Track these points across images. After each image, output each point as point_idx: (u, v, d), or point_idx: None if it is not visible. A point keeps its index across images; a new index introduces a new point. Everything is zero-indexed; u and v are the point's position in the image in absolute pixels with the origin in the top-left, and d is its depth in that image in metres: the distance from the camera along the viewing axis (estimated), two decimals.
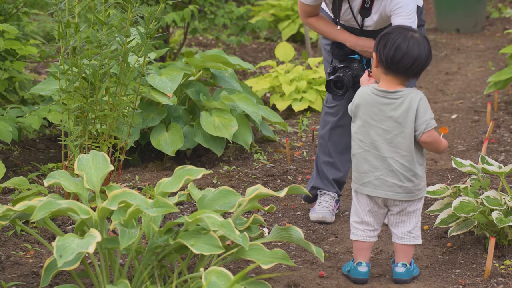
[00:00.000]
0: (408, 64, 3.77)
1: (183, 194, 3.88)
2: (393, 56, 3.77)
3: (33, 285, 3.80)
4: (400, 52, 3.76)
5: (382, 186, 3.85)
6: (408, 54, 3.76)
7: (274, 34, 9.87)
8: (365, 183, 3.88)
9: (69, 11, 4.45)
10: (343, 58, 4.53)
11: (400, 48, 3.76)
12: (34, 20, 8.87)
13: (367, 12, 4.41)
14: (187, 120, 5.77)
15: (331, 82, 4.48)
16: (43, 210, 3.31)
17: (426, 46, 3.81)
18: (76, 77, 4.48)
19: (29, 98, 6.04)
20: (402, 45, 3.76)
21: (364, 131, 3.85)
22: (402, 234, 3.93)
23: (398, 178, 3.84)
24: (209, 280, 3.16)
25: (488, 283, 3.86)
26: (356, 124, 3.89)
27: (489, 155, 5.65)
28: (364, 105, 3.84)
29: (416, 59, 3.77)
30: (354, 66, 4.49)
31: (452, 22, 10.68)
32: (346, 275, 4.01)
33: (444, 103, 7.31)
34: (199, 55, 5.95)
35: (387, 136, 3.82)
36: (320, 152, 4.83)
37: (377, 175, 3.85)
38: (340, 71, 4.48)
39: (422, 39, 3.81)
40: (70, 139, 4.46)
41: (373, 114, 3.83)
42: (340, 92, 4.49)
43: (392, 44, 3.77)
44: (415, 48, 3.76)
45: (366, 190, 3.88)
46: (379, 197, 3.87)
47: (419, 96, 3.83)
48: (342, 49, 4.53)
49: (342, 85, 4.47)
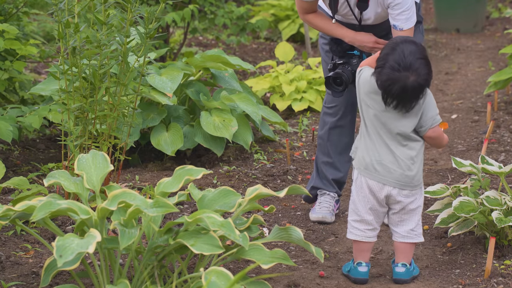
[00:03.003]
0: (406, 94, 3.72)
1: (183, 194, 3.88)
2: (388, 89, 3.72)
3: (33, 285, 3.80)
4: (398, 87, 3.70)
5: (383, 173, 3.83)
6: (405, 87, 3.70)
7: (274, 34, 9.86)
8: (367, 166, 3.85)
9: (69, 11, 4.45)
10: (342, 54, 4.51)
11: (396, 82, 3.70)
12: (34, 20, 8.87)
13: (364, 4, 4.37)
14: (187, 120, 5.77)
15: (331, 79, 4.47)
16: (43, 210, 3.31)
17: (423, 64, 3.72)
18: (76, 77, 4.48)
19: (29, 98, 6.04)
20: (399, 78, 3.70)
21: (369, 112, 3.83)
22: (405, 233, 3.93)
23: (398, 165, 3.83)
24: (209, 280, 3.16)
25: (488, 283, 3.87)
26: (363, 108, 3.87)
27: (489, 155, 5.64)
28: (370, 94, 3.81)
29: (414, 88, 3.72)
30: (353, 62, 4.47)
31: (452, 22, 10.68)
32: (346, 275, 4.01)
33: (444, 103, 7.31)
34: (199, 55, 5.95)
35: (390, 126, 3.81)
36: (319, 152, 4.83)
37: (379, 160, 3.83)
38: (340, 68, 4.46)
39: (416, 60, 3.71)
40: (70, 139, 4.46)
41: (375, 102, 3.81)
42: (340, 88, 4.47)
43: (386, 78, 3.72)
44: (411, 77, 3.69)
45: (367, 173, 3.85)
46: (382, 184, 3.84)
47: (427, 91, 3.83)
48: (340, 45, 4.50)
49: (342, 81, 4.45)
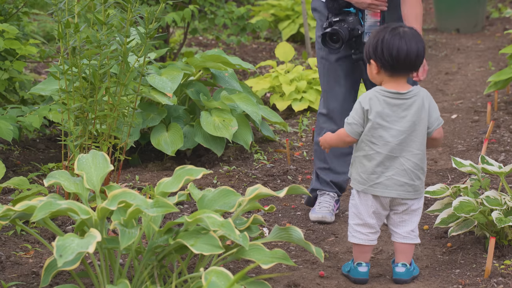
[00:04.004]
0: (413, 60, 3.79)
1: (183, 194, 3.87)
2: (396, 57, 3.77)
3: (33, 285, 3.80)
4: (402, 52, 3.77)
5: (393, 186, 3.84)
6: (409, 51, 3.77)
7: (274, 34, 9.86)
8: (375, 184, 3.85)
9: (69, 11, 4.45)
10: (338, 12, 4.48)
11: (400, 49, 3.77)
12: (34, 20, 8.87)
13: None
14: (187, 120, 5.77)
15: (327, 36, 4.46)
16: (43, 210, 3.31)
17: (419, 36, 3.84)
18: (76, 77, 4.48)
19: (29, 98, 6.04)
20: (400, 44, 3.77)
21: (375, 133, 3.82)
22: (406, 233, 3.92)
23: (409, 177, 3.84)
24: (209, 280, 3.16)
25: (488, 283, 3.86)
26: (366, 126, 3.85)
27: (489, 155, 5.64)
28: (375, 108, 3.80)
29: (417, 52, 3.79)
30: (349, 19, 4.46)
31: (452, 22, 10.68)
32: (346, 275, 4.00)
33: (444, 103, 7.31)
34: (199, 55, 5.95)
35: (401, 137, 3.81)
36: (316, 158, 4.83)
37: (389, 176, 3.83)
38: (336, 25, 4.45)
39: (411, 30, 3.84)
40: (70, 139, 4.46)
41: (385, 116, 3.81)
42: (336, 45, 4.46)
43: (390, 47, 3.77)
44: (412, 42, 3.79)
45: (376, 191, 3.85)
46: (388, 197, 3.86)
47: (427, 93, 3.86)
48: (337, 2, 4.48)
49: (338, 38, 4.43)
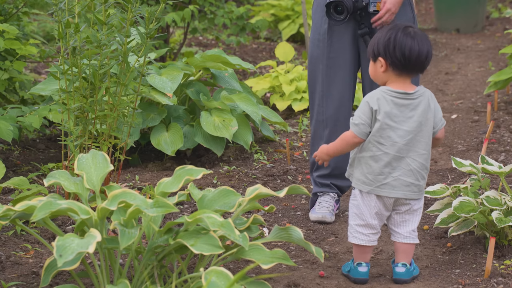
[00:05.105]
0: (423, 61, 3.81)
1: (183, 194, 3.87)
2: (408, 57, 3.79)
3: (33, 285, 3.79)
4: (414, 52, 3.79)
5: (400, 187, 3.84)
6: (421, 51, 3.79)
7: (274, 34, 9.86)
8: (382, 185, 3.84)
9: (69, 11, 4.45)
10: None
11: (413, 49, 3.78)
12: (34, 20, 8.87)
13: None
14: (187, 120, 5.77)
15: (332, 6, 4.42)
16: (43, 210, 3.31)
17: (427, 37, 3.87)
18: (76, 77, 4.48)
19: (29, 98, 6.04)
20: (412, 44, 3.79)
21: (384, 133, 3.81)
22: (407, 233, 3.92)
23: (415, 177, 3.85)
24: (209, 280, 3.16)
25: (488, 283, 3.86)
26: (373, 127, 3.84)
27: (489, 155, 5.64)
28: (384, 108, 3.80)
29: (427, 53, 3.82)
30: None
31: (452, 22, 10.68)
32: (346, 275, 4.00)
33: (444, 103, 7.31)
34: (199, 55, 5.95)
35: (408, 137, 3.82)
36: (312, 169, 4.83)
37: (396, 176, 3.83)
38: None
39: (420, 31, 3.87)
40: (70, 139, 4.46)
41: (393, 116, 3.80)
42: (341, 17, 4.42)
43: (403, 46, 3.79)
44: (423, 43, 3.81)
45: (383, 192, 3.84)
46: (393, 198, 3.85)
47: (431, 94, 3.89)
48: None
49: (343, 9, 4.40)
